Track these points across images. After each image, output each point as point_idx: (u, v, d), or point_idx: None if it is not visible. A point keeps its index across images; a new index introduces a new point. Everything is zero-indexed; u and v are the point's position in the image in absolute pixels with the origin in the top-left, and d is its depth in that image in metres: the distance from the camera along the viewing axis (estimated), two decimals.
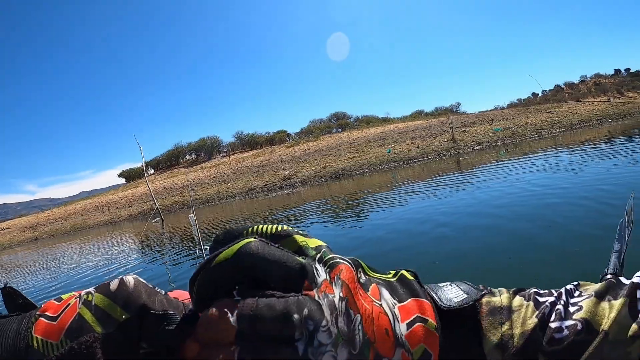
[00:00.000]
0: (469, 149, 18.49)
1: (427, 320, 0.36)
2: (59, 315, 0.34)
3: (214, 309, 0.32)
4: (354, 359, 0.31)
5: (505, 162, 12.07)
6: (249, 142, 62.45)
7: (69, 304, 0.35)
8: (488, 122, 27.11)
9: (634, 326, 0.33)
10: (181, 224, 16.08)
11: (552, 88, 57.05)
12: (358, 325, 0.33)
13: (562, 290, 0.39)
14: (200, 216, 14.13)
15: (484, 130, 23.13)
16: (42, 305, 0.35)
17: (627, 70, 50.63)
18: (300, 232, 0.39)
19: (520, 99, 63.60)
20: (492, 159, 13.52)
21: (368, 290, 0.37)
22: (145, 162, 25.42)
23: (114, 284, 0.35)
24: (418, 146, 22.14)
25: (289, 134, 64.98)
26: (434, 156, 18.74)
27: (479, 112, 45.45)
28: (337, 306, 0.32)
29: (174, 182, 43.25)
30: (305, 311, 0.30)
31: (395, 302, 0.37)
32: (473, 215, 6.06)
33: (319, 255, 0.36)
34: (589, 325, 0.35)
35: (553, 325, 0.36)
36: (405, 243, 5.52)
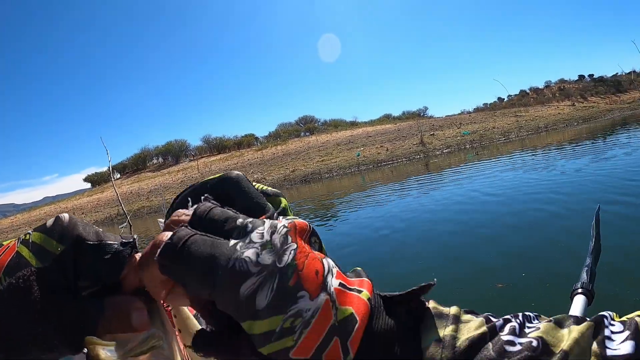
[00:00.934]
0: (437, 152, 18.65)
1: (363, 290, 0.33)
2: None
3: (180, 210, 0.36)
4: (276, 271, 0.30)
5: (475, 163, 12.23)
6: (216, 146, 61.78)
7: (8, 246, 0.36)
8: (456, 125, 27.41)
9: (597, 349, 0.29)
10: (150, 229, 15.93)
11: (518, 93, 58.02)
12: (290, 250, 0.31)
13: (520, 314, 0.34)
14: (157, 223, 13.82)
15: (452, 133, 23.35)
16: None
17: (590, 76, 51.87)
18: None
19: (487, 104, 64.54)
20: (461, 161, 13.73)
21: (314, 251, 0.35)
22: (111, 166, 24.78)
23: (50, 221, 0.36)
24: (387, 149, 22.16)
25: (257, 138, 64.41)
26: (404, 159, 18.82)
27: (446, 116, 45.88)
28: (278, 228, 0.32)
29: (140, 186, 42.42)
30: (249, 219, 0.32)
31: (336, 267, 0.34)
32: (433, 221, 6.18)
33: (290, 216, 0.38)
34: (546, 345, 0.30)
35: (505, 337, 0.31)
36: (364, 248, 5.62)
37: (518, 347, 0.30)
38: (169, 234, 0.32)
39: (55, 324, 0.33)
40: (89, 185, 72.80)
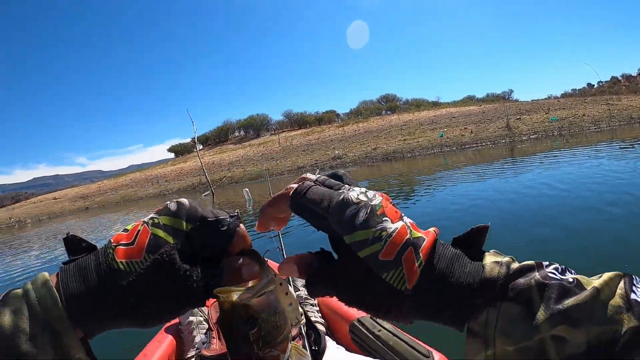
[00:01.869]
0: (524, 137, 18.12)
1: (430, 231, 0.43)
2: (134, 240, 0.42)
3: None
4: (369, 204, 0.42)
5: (563, 151, 11.77)
6: (297, 121, 62.73)
7: (139, 230, 0.43)
8: (544, 110, 26.37)
9: (622, 291, 0.35)
10: (231, 198, 16.73)
11: (609, 80, 54.90)
12: (378, 198, 0.44)
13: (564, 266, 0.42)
14: (251, 191, 14.86)
15: (539, 119, 22.50)
16: (111, 240, 0.43)
17: None
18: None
19: (575, 89, 61.54)
20: (548, 148, 13.22)
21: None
22: (196, 137, 26.03)
23: (172, 206, 0.44)
24: (471, 132, 21.85)
25: (337, 114, 65.26)
26: (488, 143, 18.46)
27: (532, 100, 43.98)
28: (370, 190, 0.46)
29: (222, 157, 43.97)
30: (352, 186, 0.46)
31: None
32: (515, 209, 5.93)
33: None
34: (579, 283, 0.36)
35: (548, 271, 0.38)
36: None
37: (557, 278, 0.37)
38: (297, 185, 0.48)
39: (195, 285, 0.42)
40: (172, 155, 76.19)
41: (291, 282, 2.16)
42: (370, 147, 25.07)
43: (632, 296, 0.34)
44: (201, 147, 65.26)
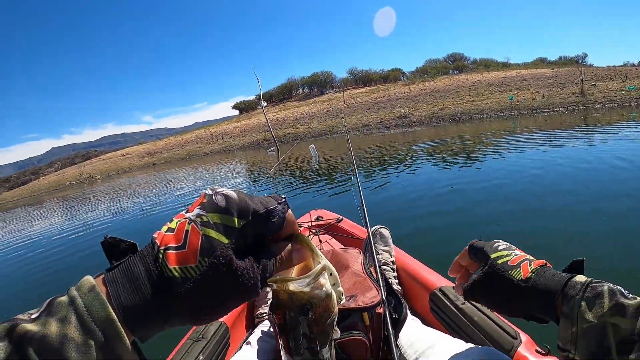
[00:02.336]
0: (599, 106, 17.28)
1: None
2: (184, 243, 0.40)
3: None
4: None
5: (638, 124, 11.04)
6: (362, 79, 62.42)
7: (187, 230, 0.40)
8: (621, 78, 25.08)
9: None
10: (294, 153, 17.00)
11: None
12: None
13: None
14: (317, 148, 14.97)
15: (615, 86, 21.18)
16: (155, 242, 0.40)
17: None
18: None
19: None
20: (623, 119, 12.41)
21: None
22: (261, 94, 26.59)
23: (221, 201, 0.42)
24: (543, 96, 21.19)
25: (403, 73, 64.32)
26: (561, 108, 17.79)
27: (608, 66, 41.71)
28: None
29: (286, 114, 44.59)
30: None
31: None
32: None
33: None
34: (632, 297, 0.59)
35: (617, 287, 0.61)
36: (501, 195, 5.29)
37: (622, 290, 0.59)
38: None
39: (254, 280, 0.42)
40: (236, 112, 77.77)
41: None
42: (437, 107, 24.88)
43: None
44: (265, 104, 66.48)
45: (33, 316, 0.35)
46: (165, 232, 0.41)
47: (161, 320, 0.39)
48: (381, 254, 2.07)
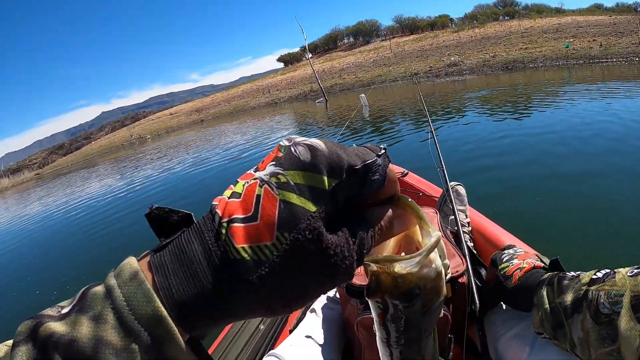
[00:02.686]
0: None
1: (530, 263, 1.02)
2: (256, 213, 0.29)
3: None
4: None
5: None
6: (409, 26, 60.82)
7: (258, 195, 0.29)
8: None
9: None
10: (342, 104, 17.03)
11: None
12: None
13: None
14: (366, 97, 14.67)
15: None
16: (216, 210, 0.30)
17: None
18: None
19: None
20: None
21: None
22: (307, 44, 26.46)
23: (304, 154, 0.30)
24: (600, 45, 20.19)
25: (451, 19, 62.16)
26: (620, 59, 16.85)
27: None
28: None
29: (332, 65, 44.21)
30: None
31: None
32: None
33: None
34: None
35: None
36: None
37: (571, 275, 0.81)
38: None
39: (349, 260, 0.31)
40: (281, 65, 77.67)
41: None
42: (489, 54, 24.25)
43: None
44: (310, 55, 66.17)
45: (64, 311, 0.28)
46: (229, 197, 0.31)
47: (226, 316, 0.30)
48: (458, 214, 1.82)
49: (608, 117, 6.40)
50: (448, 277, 1.06)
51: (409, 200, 0.38)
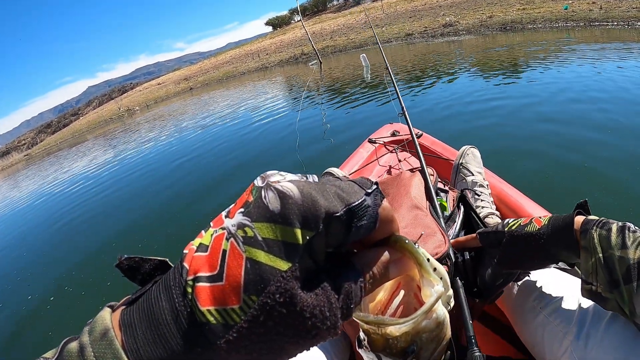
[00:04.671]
0: None
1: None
2: (222, 272, 0.26)
3: None
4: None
5: None
6: None
7: (224, 249, 0.26)
8: None
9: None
10: (335, 67, 16.52)
11: None
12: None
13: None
14: (359, 59, 14.07)
15: None
16: (184, 262, 0.27)
17: None
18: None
19: None
20: None
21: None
22: (297, 6, 25.74)
23: (273, 203, 0.26)
24: (601, 7, 19.86)
25: None
26: (621, 22, 16.68)
27: None
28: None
29: (322, 27, 43.48)
30: None
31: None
32: None
33: None
34: None
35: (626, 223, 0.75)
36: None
37: (633, 228, 0.72)
38: None
39: (331, 320, 0.28)
40: (269, 29, 76.74)
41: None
42: (486, 14, 23.68)
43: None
44: (300, 17, 65.55)
45: None
46: (197, 250, 0.27)
47: None
48: (474, 175, 1.76)
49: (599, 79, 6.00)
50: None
51: (407, 241, 0.34)
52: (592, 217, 0.76)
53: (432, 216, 1.15)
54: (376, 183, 0.31)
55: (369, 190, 0.30)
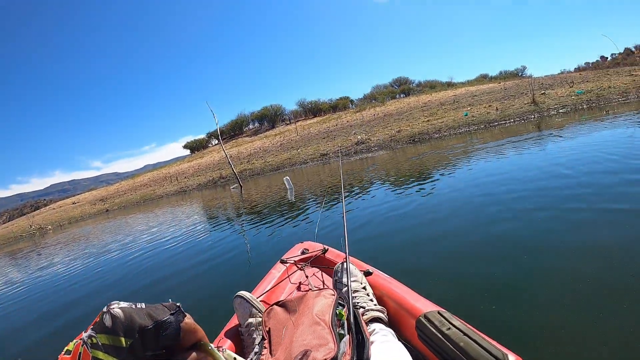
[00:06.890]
0: (552, 112, 17.65)
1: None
2: None
3: None
4: None
5: (588, 124, 11.16)
6: (312, 110, 62.75)
7: (80, 352, 0.41)
8: (568, 84, 25.90)
9: None
10: (253, 190, 16.44)
11: (622, 51, 54.37)
12: None
13: None
14: (278, 181, 14.33)
15: (565, 92, 21.87)
16: None
17: None
18: None
19: (589, 63, 61.40)
20: (577, 121, 12.77)
21: None
22: (217, 128, 26.18)
23: (107, 321, 0.42)
24: (497, 109, 21.42)
25: (352, 100, 65.10)
26: (517, 119, 18.05)
27: (546, 75, 43.44)
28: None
29: (239, 150, 44.11)
30: None
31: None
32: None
33: None
34: None
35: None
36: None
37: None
38: None
39: None
40: (187, 152, 77.21)
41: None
42: (394, 129, 24.72)
43: None
44: (216, 142, 66.46)
45: None
46: (64, 354, 0.41)
47: None
48: (349, 284, 1.96)
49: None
50: None
51: (210, 347, 0.51)
52: None
53: (329, 328, 1.42)
54: (178, 306, 0.47)
55: (173, 311, 0.45)
